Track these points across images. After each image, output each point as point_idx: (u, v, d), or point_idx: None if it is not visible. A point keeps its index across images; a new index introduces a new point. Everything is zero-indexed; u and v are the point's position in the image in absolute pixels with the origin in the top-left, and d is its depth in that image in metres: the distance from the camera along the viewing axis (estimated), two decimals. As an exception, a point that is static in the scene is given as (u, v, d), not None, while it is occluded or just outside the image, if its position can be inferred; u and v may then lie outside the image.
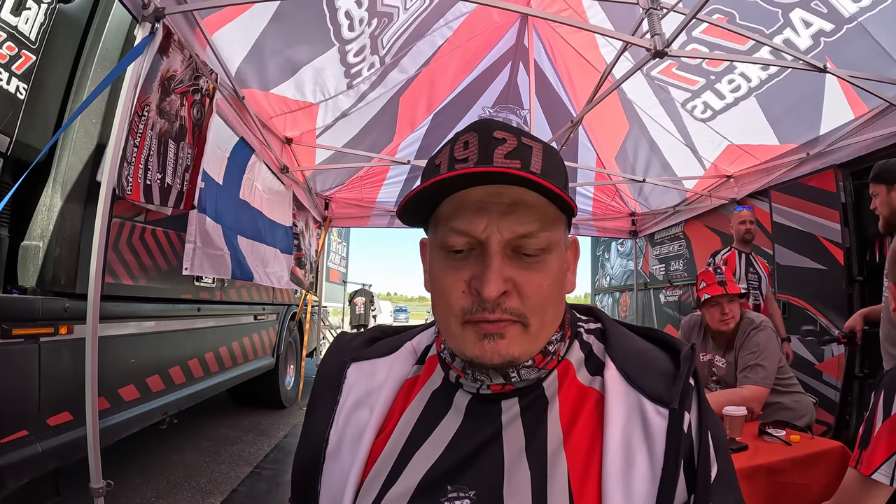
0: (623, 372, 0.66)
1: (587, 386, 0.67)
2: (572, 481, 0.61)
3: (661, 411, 0.61)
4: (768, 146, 4.12)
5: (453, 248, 0.63)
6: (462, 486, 0.64)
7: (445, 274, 0.64)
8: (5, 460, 1.99)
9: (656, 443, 0.60)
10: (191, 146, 2.60)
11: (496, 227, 0.60)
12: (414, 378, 0.77)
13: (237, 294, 4.26)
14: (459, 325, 0.63)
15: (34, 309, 2.11)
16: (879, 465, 1.20)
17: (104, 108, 2.33)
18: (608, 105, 3.95)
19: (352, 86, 3.65)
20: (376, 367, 0.79)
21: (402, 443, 0.70)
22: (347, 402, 0.77)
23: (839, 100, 3.46)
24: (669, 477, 0.58)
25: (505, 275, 0.60)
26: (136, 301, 2.82)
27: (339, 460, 0.73)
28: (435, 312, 0.68)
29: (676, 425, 0.60)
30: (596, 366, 0.69)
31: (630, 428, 0.61)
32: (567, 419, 0.65)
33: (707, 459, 0.61)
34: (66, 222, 2.25)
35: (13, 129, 2.07)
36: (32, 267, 2.24)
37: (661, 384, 0.63)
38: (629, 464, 0.59)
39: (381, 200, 5.99)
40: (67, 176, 2.25)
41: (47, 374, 2.19)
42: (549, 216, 0.63)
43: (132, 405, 2.84)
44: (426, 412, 0.72)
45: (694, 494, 0.59)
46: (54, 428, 2.26)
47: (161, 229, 2.95)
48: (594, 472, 0.61)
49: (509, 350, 0.61)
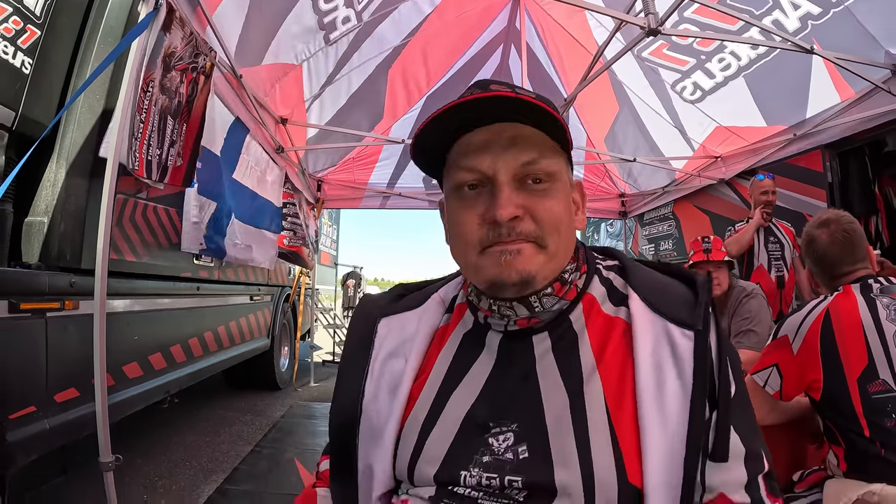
0: (647, 301, 0.70)
1: (613, 316, 0.72)
2: (608, 402, 0.65)
3: (687, 333, 0.66)
4: (756, 128, 4.20)
5: (465, 183, 0.68)
6: (504, 420, 0.68)
7: (461, 212, 0.69)
8: (14, 436, 1.97)
9: (685, 363, 0.65)
10: (179, 122, 2.61)
11: (501, 161, 0.66)
12: (444, 326, 0.81)
13: (234, 274, 4.28)
14: (477, 255, 0.68)
15: (40, 283, 2.11)
16: (758, 370, 1.68)
17: (108, 84, 2.32)
18: (599, 87, 4.00)
19: (329, 41, 3.59)
20: (406, 319, 0.83)
21: (438, 386, 0.74)
22: (381, 354, 0.80)
23: (826, 83, 3.54)
24: (700, 394, 0.63)
25: (516, 202, 0.65)
26: (139, 278, 2.84)
27: (377, 409, 0.75)
28: (455, 253, 0.73)
29: (702, 345, 0.65)
30: (619, 298, 0.74)
31: (659, 351, 0.66)
32: (597, 347, 0.69)
33: (727, 379, 0.66)
34: (70, 198, 2.24)
35: (18, 104, 2.06)
36: (36, 242, 2.23)
37: (683, 310, 0.69)
38: (661, 383, 0.64)
39: (374, 182, 6.01)
40: (72, 152, 2.25)
41: (54, 349, 2.18)
42: (547, 146, 0.68)
43: (136, 382, 2.86)
44: (459, 355, 0.76)
45: (716, 411, 0.64)
46: (61, 404, 2.25)
47: (162, 206, 2.96)
48: (628, 393, 0.65)
49: (526, 265, 0.66)
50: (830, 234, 1.67)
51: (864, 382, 1.43)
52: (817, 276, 1.75)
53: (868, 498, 1.33)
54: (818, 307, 1.58)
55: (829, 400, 1.51)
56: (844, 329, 1.49)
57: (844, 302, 1.54)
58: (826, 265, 1.69)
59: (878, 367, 1.43)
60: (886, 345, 1.42)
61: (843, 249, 1.64)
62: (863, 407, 1.42)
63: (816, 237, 1.70)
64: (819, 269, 1.73)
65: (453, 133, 0.70)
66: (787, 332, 1.62)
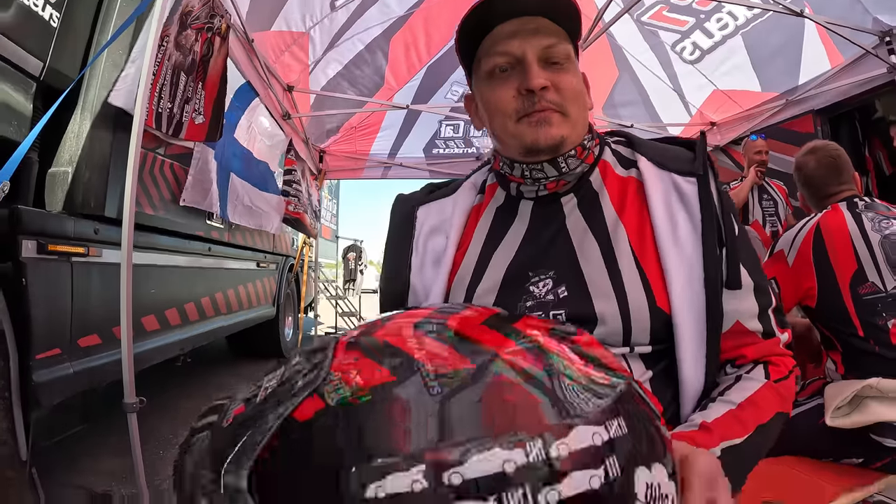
0: (653, 161, 0.83)
1: (626, 176, 0.84)
2: (633, 243, 0.77)
3: (690, 180, 0.78)
4: (751, 93, 4.31)
5: (497, 66, 0.79)
6: (542, 270, 0.79)
7: (497, 90, 0.80)
8: (40, 377, 1.98)
9: (691, 204, 0.77)
10: (194, 80, 2.69)
11: (528, 44, 0.77)
12: (478, 205, 0.92)
13: (242, 238, 4.36)
14: (514, 123, 0.79)
15: (66, 227, 2.16)
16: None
17: (130, 39, 2.39)
18: (598, 53, 4.09)
19: (335, 7, 3.69)
20: (442, 204, 0.94)
21: (478, 252, 0.85)
22: (423, 233, 0.91)
23: (818, 49, 3.65)
24: (708, 229, 0.74)
25: (544, 75, 0.76)
26: (157, 232, 2.92)
27: (423, 279, 0.87)
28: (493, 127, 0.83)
29: (705, 188, 0.77)
30: (629, 162, 0.86)
31: (668, 198, 0.78)
32: (617, 202, 0.81)
33: (731, 219, 0.78)
34: (94, 148, 2.31)
35: (46, 56, 2.12)
36: (60, 192, 2.28)
37: (685, 163, 0.81)
38: (674, 224, 0.76)
39: (375, 153, 6.09)
40: (96, 105, 2.31)
41: (78, 294, 2.22)
42: (562, 36, 0.79)
43: (153, 336, 2.94)
44: (495, 225, 0.87)
45: (724, 247, 0.75)
46: (84, 349, 2.28)
47: (178, 164, 3.03)
48: (648, 237, 0.77)
49: (557, 131, 0.77)
50: (818, 159, 1.82)
51: (855, 285, 1.59)
52: (808, 199, 1.91)
53: (866, 392, 1.45)
54: (809, 223, 1.74)
55: (825, 305, 1.66)
56: (834, 239, 1.65)
57: (833, 217, 1.69)
58: (814, 187, 1.84)
59: (867, 271, 1.58)
60: (873, 250, 1.58)
61: (830, 172, 1.79)
62: (855, 308, 1.58)
63: (805, 163, 1.86)
64: (809, 192, 1.88)
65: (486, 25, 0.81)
66: (782, 247, 1.77)
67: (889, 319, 1.54)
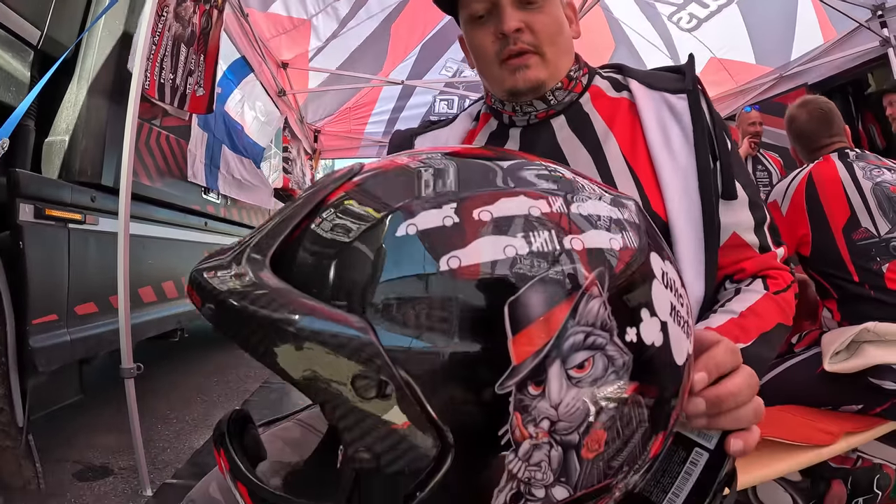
0: (644, 83, 0.85)
1: (617, 97, 0.86)
2: (624, 152, 0.80)
3: (681, 97, 0.81)
4: (746, 64, 4.34)
5: (476, 13, 0.81)
6: None
7: (477, 36, 0.83)
8: (36, 342, 1.96)
9: (683, 118, 0.79)
10: (195, 52, 2.70)
11: None
12: (473, 129, 0.95)
13: (238, 215, 4.36)
14: (497, 67, 0.81)
15: (63, 194, 2.15)
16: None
17: (126, 9, 2.38)
18: (594, 25, 4.10)
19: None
20: (439, 133, 0.98)
21: None
22: None
23: (811, 23, 3.67)
24: (700, 139, 0.77)
25: (517, 17, 0.78)
26: (153, 204, 2.93)
27: None
28: (480, 69, 0.86)
29: (695, 103, 0.79)
30: (620, 86, 0.88)
31: (661, 113, 0.80)
32: (607, 118, 0.84)
33: (722, 134, 0.80)
34: (91, 116, 2.30)
35: (44, 24, 2.11)
36: (57, 160, 2.28)
37: (675, 83, 0.83)
38: (667, 136, 0.78)
39: (369, 132, 6.10)
40: (92, 73, 2.31)
41: (75, 261, 2.21)
42: None
43: (150, 307, 2.94)
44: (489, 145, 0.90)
45: (718, 161, 0.77)
46: (81, 317, 2.27)
47: (174, 137, 3.03)
48: (640, 146, 0.80)
49: (534, 75, 0.80)
50: (808, 111, 1.85)
51: (849, 231, 1.62)
52: (799, 152, 1.93)
53: (863, 336, 1.47)
54: (801, 173, 1.77)
55: (819, 252, 1.69)
56: (826, 187, 1.68)
57: (825, 167, 1.73)
58: (805, 139, 1.87)
59: (860, 217, 1.62)
60: (865, 197, 1.62)
61: (821, 124, 1.82)
62: (850, 254, 1.61)
63: (797, 115, 1.88)
64: (800, 144, 1.91)
65: None
66: (775, 198, 1.81)
67: (883, 264, 1.57)
